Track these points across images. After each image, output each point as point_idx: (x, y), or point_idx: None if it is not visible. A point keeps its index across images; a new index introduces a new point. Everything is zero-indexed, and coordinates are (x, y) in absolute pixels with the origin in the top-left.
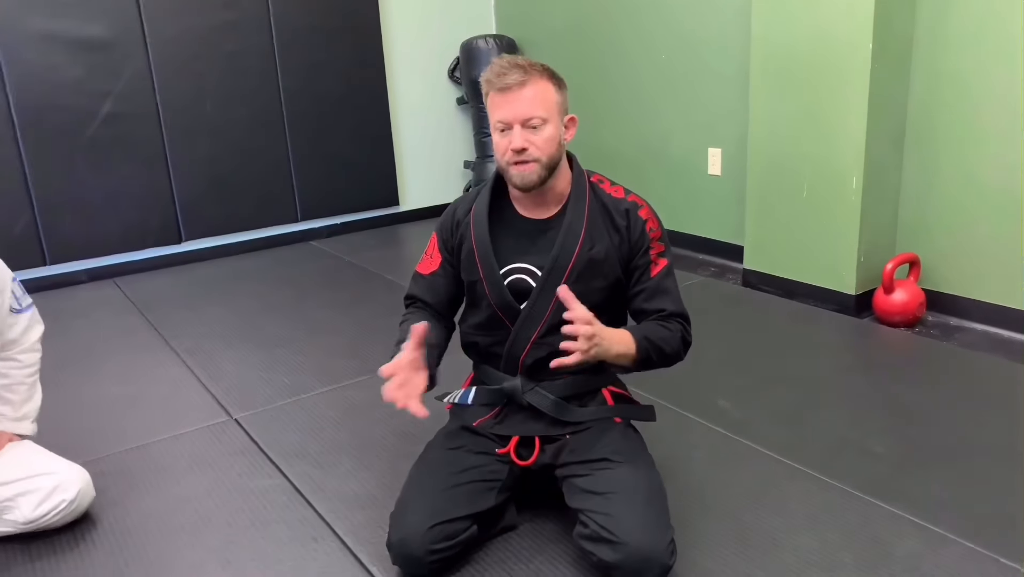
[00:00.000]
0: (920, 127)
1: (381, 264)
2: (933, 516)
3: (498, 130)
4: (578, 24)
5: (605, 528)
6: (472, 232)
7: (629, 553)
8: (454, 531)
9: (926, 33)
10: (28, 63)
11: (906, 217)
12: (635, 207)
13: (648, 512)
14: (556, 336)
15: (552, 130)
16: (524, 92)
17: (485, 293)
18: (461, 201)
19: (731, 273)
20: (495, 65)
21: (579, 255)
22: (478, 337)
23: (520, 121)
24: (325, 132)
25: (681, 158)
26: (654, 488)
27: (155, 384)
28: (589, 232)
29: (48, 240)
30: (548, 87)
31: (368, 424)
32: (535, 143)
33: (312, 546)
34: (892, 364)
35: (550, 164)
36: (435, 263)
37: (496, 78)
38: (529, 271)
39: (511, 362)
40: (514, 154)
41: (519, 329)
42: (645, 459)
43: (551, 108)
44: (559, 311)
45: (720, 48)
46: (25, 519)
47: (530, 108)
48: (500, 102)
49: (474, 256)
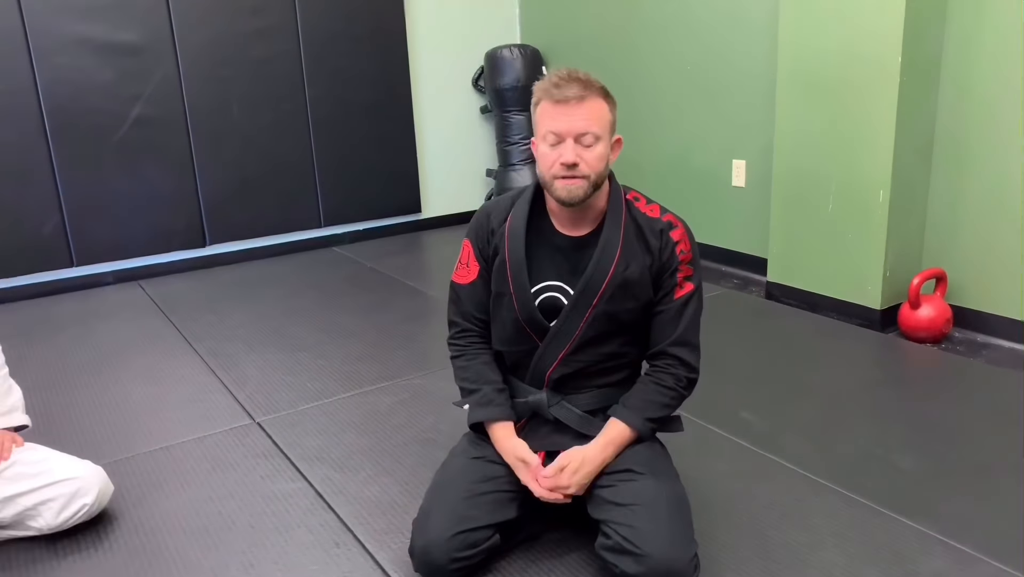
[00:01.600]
0: (948, 141)
1: (403, 271)
2: (961, 535)
3: (548, 142)
4: (603, 34)
5: (628, 540)
6: (507, 245)
7: (652, 565)
8: (477, 539)
9: (956, 47)
10: (60, 67)
11: (933, 232)
12: (669, 227)
13: (672, 525)
14: (585, 353)
15: (603, 148)
16: (582, 107)
17: (513, 307)
18: (494, 208)
19: (754, 285)
20: (554, 75)
21: (613, 276)
22: (501, 347)
23: (574, 135)
24: (349, 139)
25: (705, 169)
26: (678, 500)
27: (179, 386)
28: (624, 253)
29: (75, 241)
30: (604, 105)
31: (390, 430)
32: (586, 160)
33: (334, 551)
34: (918, 380)
35: (597, 182)
36: (473, 272)
37: (555, 89)
38: (561, 289)
39: (537, 376)
40: (563, 168)
41: (548, 346)
42: (669, 471)
43: (604, 126)
44: (589, 329)
45: (746, 59)
46: (49, 526)
47: (586, 124)
48: (556, 113)
49: (506, 270)
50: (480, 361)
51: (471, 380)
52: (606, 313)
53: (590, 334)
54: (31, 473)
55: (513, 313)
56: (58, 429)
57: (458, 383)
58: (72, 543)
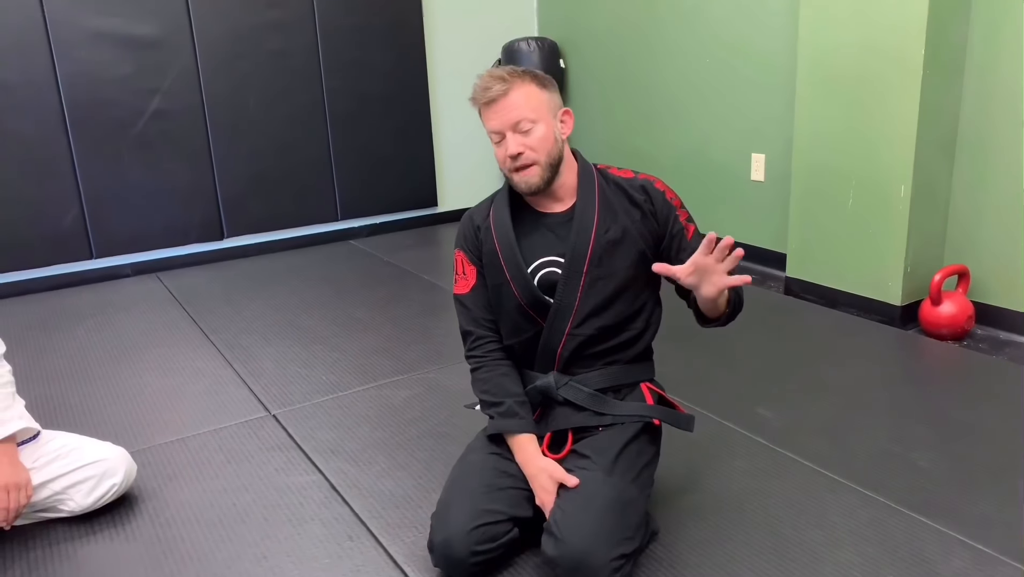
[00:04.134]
0: (971, 136)
1: (419, 264)
2: (982, 535)
3: (495, 142)
4: (621, 27)
5: (556, 522)
6: (494, 234)
7: (565, 552)
8: (497, 532)
9: (981, 40)
10: (79, 60)
11: (955, 227)
12: (649, 183)
13: (601, 521)
14: (589, 325)
15: (544, 129)
16: (509, 99)
17: (513, 294)
18: (475, 210)
19: (773, 281)
20: (478, 82)
21: (596, 239)
22: (509, 339)
23: (510, 127)
24: (366, 132)
25: (724, 163)
26: (620, 501)
27: (195, 378)
28: (602, 216)
29: (95, 234)
30: (531, 88)
31: (404, 423)
32: (529, 144)
33: (347, 544)
34: (938, 377)
35: (550, 162)
36: (471, 277)
37: (481, 93)
38: (556, 263)
39: (547, 357)
40: (512, 160)
41: (552, 322)
42: (627, 470)
43: (539, 108)
44: (588, 297)
45: (765, 53)
46: (81, 507)
47: (517, 113)
48: (489, 114)
49: (498, 258)
50: (500, 373)
51: (492, 393)
52: (600, 277)
53: (590, 303)
54: (61, 458)
55: (514, 299)
56: (76, 419)
57: (478, 395)
58: (88, 533)
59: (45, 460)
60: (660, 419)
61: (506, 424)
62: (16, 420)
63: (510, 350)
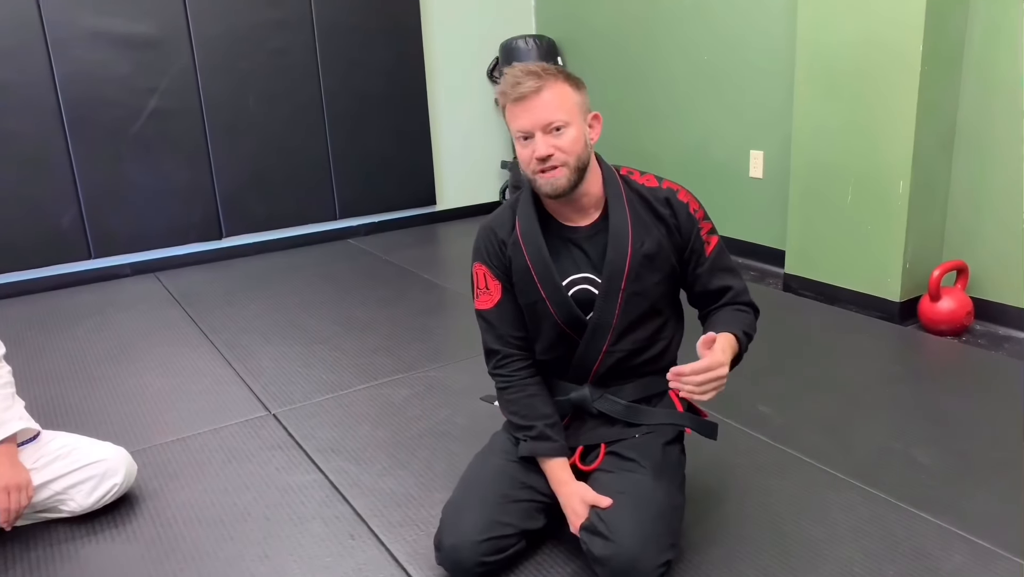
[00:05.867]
0: (970, 131)
1: (418, 263)
2: (982, 530)
3: (520, 141)
4: (619, 25)
5: (605, 522)
6: (525, 251)
7: (616, 552)
8: (505, 545)
9: (979, 35)
10: (77, 60)
11: (954, 223)
12: (673, 193)
13: (653, 525)
14: (626, 341)
15: (575, 131)
16: (541, 97)
17: (549, 312)
18: (496, 222)
19: (772, 278)
20: (508, 76)
21: (632, 255)
22: (544, 356)
23: (541, 127)
24: (364, 131)
25: (722, 160)
26: (671, 507)
27: (195, 378)
28: (636, 230)
29: (93, 234)
30: (565, 88)
31: (405, 422)
32: (560, 147)
33: (349, 543)
34: (938, 373)
35: (579, 166)
36: (495, 292)
37: (511, 88)
38: (589, 280)
39: (581, 373)
40: (539, 162)
41: (589, 341)
42: (673, 476)
43: (571, 109)
44: (625, 315)
45: (764, 49)
46: (81, 507)
47: (550, 113)
48: (518, 112)
49: (531, 275)
50: (529, 394)
51: (521, 415)
52: (636, 293)
53: (627, 319)
54: (61, 459)
55: (551, 317)
56: (76, 420)
57: (507, 416)
58: (90, 532)
59: (45, 460)
60: (688, 426)
61: (538, 448)
62: (16, 421)
63: (540, 364)
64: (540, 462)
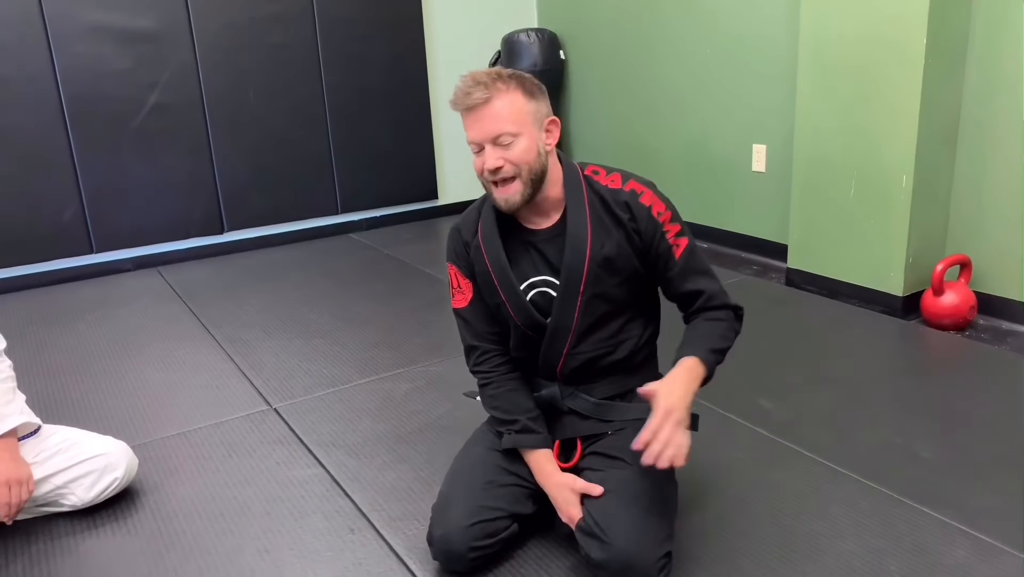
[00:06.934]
0: (973, 125)
1: (419, 257)
2: (984, 525)
3: (474, 151)
4: (621, 18)
5: (599, 524)
6: (484, 254)
7: (614, 555)
8: (495, 529)
9: (982, 30)
10: (78, 54)
11: (957, 217)
12: (634, 196)
13: (645, 520)
14: (588, 343)
15: (526, 142)
16: (490, 108)
17: (510, 314)
18: (463, 223)
19: (774, 272)
20: (459, 84)
21: (591, 257)
22: (515, 353)
23: (490, 139)
24: (366, 125)
25: (725, 154)
26: (662, 499)
27: (196, 372)
28: (595, 232)
29: (95, 228)
30: (516, 97)
31: (405, 416)
32: (509, 159)
33: (349, 537)
34: (940, 368)
35: (532, 177)
36: (467, 291)
37: (461, 98)
38: (549, 282)
39: (548, 371)
40: (491, 173)
41: (549, 343)
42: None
43: (522, 120)
44: (585, 317)
45: (767, 43)
46: (82, 501)
47: (497, 125)
48: (469, 122)
49: (491, 278)
50: (509, 388)
51: (505, 409)
52: (596, 296)
53: (588, 321)
54: (62, 453)
55: (511, 320)
56: (77, 414)
57: (489, 412)
58: (90, 527)
59: (46, 455)
60: None
61: (521, 440)
62: (17, 415)
63: (516, 360)
64: (524, 455)
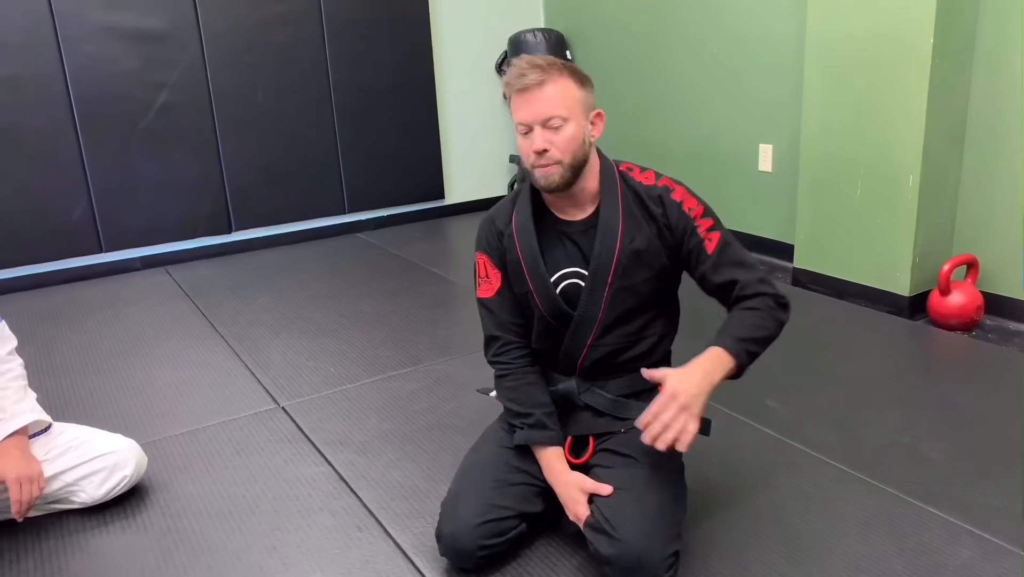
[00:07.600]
0: (981, 124)
1: (426, 257)
2: (989, 525)
3: (521, 132)
4: (627, 17)
5: (608, 520)
6: (517, 243)
7: (624, 550)
8: (504, 528)
9: (991, 27)
10: (87, 54)
11: (964, 217)
12: (667, 191)
13: (655, 518)
14: (612, 336)
15: (574, 129)
16: (543, 91)
17: (536, 304)
18: (498, 213)
19: (780, 272)
20: (514, 67)
21: (620, 250)
22: (536, 345)
23: (540, 121)
24: (373, 124)
25: (731, 153)
26: (671, 497)
27: (204, 370)
28: (627, 225)
29: (104, 227)
30: (569, 85)
31: (412, 415)
32: (556, 143)
33: (356, 535)
34: (947, 368)
35: (574, 164)
36: (495, 281)
37: (515, 80)
38: (578, 274)
39: (568, 364)
40: (536, 156)
41: (574, 334)
42: (671, 467)
43: (572, 106)
44: (611, 309)
45: (773, 42)
46: (92, 498)
47: (549, 107)
48: (520, 103)
49: (521, 267)
50: (527, 382)
51: (520, 402)
52: (623, 289)
53: (613, 314)
54: (72, 450)
55: (538, 309)
56: (87, 412)
57: (505, 404)
58: (100, 524)
59: (57, 452)
60: None
61: (534, 436)
62: (28, 413)
63: (536, 353)
64: (535, 451)
